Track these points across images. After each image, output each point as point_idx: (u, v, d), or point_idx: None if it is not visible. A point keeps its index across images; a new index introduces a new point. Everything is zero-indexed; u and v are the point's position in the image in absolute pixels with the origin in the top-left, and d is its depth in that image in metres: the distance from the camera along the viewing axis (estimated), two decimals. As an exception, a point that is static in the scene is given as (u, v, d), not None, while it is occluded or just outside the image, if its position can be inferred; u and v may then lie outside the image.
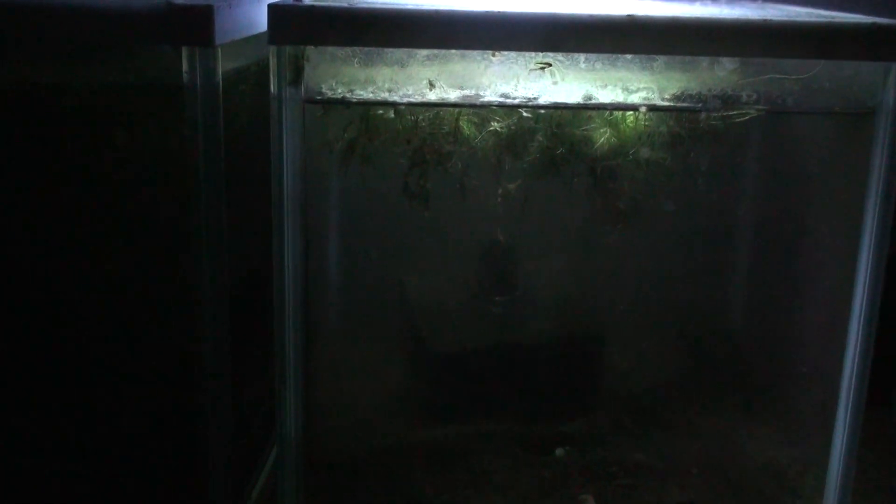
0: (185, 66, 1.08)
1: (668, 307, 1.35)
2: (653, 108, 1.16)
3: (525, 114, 1.17)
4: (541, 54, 1.12)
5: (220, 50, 1.08)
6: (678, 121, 1.18)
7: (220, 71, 1.08)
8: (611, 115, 1.20)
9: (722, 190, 1.26)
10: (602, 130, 1.20)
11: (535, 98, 1.16)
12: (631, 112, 1.19)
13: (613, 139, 1.21)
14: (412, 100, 1.15)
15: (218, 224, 1.14)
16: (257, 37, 1.19)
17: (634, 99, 1.16)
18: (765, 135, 1.23)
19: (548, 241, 1.32)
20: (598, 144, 1.21)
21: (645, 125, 1.19)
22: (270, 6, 1.08)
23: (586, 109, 1.16)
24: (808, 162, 1.30)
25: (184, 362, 1.21)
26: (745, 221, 1.31)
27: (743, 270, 1.35)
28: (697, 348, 1.38)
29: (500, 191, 1.26)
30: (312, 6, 1.09)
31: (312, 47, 1.11)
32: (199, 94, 1.08)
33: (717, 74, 1.14)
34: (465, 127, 1.20)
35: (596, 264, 1.34)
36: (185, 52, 1.07)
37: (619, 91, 1.15)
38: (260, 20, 1.18)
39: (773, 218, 1.32)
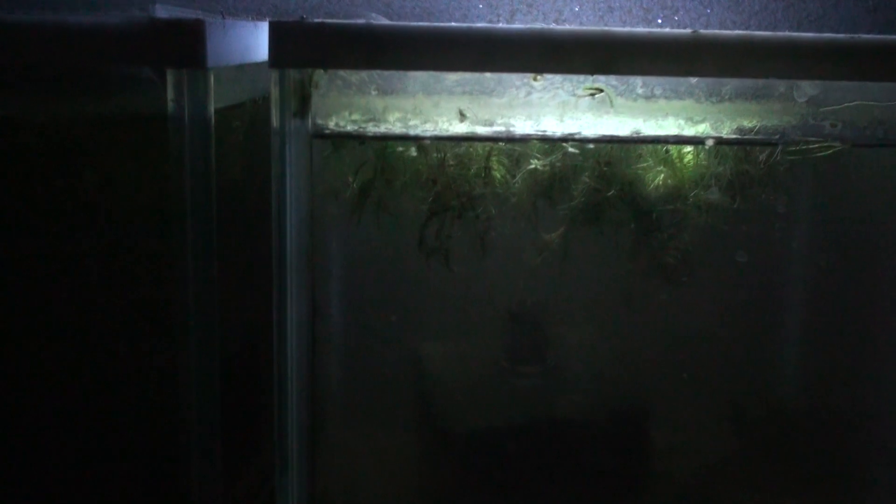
0: (170, 93, 0.90)
1: (727, 377, 1.16)
2: (721, 142, 0.99)
3: (571, 149, 0.99)
4: (591, 78, 0.95)
5: (212, 74, 0.90)
6: (749, 157, 1.01)
7: (212, 99, 0.90)
8: (667, 152, 1.03)
9: (798, 237, 1.08)
10: (658, 170, 1.03)
11: (579, 132, 0.98)
12: (691, 147, 1.02)
13: (670, 180, 1.04)
14: (439, 133, 0.97)
15: (208, 283, 0.95)
16: (257, 66, 1.02)
17: (699, 131, 0.99)
18: (850, 171, 1.06)
19: (587, 302, 1.14)
20: (653, 186, 1.03)
21: (709, 162, 1.02)
22: (272, 23, 0.91)
23: (644, 143, 0.99)
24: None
25: (165, 443, 1.01)
26: (825, 275, 1.13)
27: (821, 333, 1.16)
28: (762, 425, 1.19)
29: (535, 243, 1.08)
30: (323, 23, 0.91)
31: (322, 71, 0.94)
32: (187, 127, 0.90)
33: (797, 102, 0.97)
34: (496, 166, 1.02)
35: (642, 329, 1.15)
36: (170, 76, 0.89)
37: (683, 122, 0.98)
38: (259, 47, 1.01)
39: (860, 271, 1.14)
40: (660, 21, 1.61)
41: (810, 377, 1.17)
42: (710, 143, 0.98)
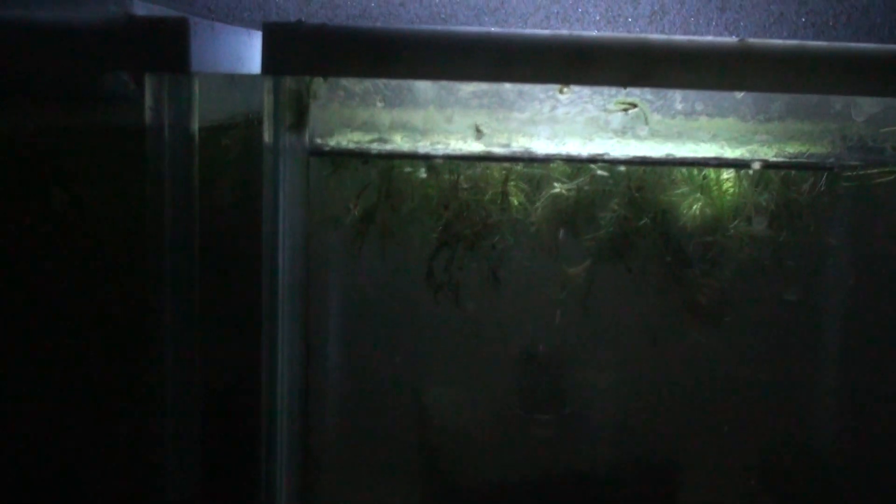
0: (148, 100, 0.79)
1: (766, 431, 1.04)
2: (768, 166, 0.88)
3: (599, 171, 0.88)
4: (623, 91, 0.85)
5: (196, 81, 0.80)
6: (798, 183, 0.90)
7: (196, 108, 0.79)
8: (704, 178, 0.92)
9: (854, 275, 0.97)
10: (695, 197, 0.92)
11: (608, 153, 0.88)
12: (733, 172, 0.91)
13: (708, 209, 0.93)
14: (451, 152, 0.86)
15: (188, 319, 0.84)
16: (252, 79, 0.91)
17: (743, 153, 0.88)
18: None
19: (611, 344, 1.02)
20: (689, 215, 0.92)
21: (753, 188, 0.91)
22: (267, 24, 0.81)
23: (681, 166, 0.88)
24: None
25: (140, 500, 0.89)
26: (883, 319, 1.02)
27: (875, 385, 1.04)
28: (803, 484, 1.07)
29: (555, 277, 0.96)
30: (323, 25, 0.81)
31: (321, 80, 0.83)
32: (168, 139, 0.79)
33: (854, 121, 0.87)
34: (515, 191, 0.91)
35: (672, 375, 1.04)
36: (149, 81, 0.78)
37: (725, 143, 0.87)
38: (255, 58, 0.90)
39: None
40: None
41: (859, 435, 1.05)
42: (756, 166, 0.87)
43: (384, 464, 1.00)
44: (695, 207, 0.92)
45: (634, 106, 0.85)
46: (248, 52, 0.95)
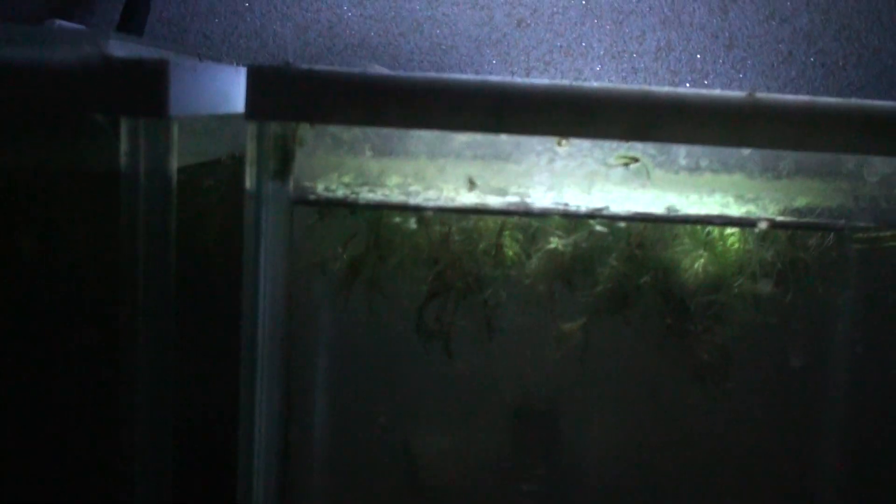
0: (124, 146, 0.75)
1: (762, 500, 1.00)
2: (776, 225, 0.83)
3: (598, 227, 0.84)
4: (625, 145, 0.80)
5: (175, 125, 0.75)
6: (806, 243, 0.86)
7: (174, 153, 0.75)
8: (708, 234, 0.87)
9: (864, 341, 0.93)
10: (697, 254, 0.87)
11: (607, 208, 0.83)
12: (735, 230, 0.86)
13: (711, 266, 0.88)
14: (443, 204, 0.82)
15: (162, 373, 0.79)
16: (238, 118, 0.87)
17: (749, 211, 0.84)
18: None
19: (607, 402, 0.98)
20: (691, 272, 0.88)
21: (758, 247, 0.86)
22: (251, 67, 0.77)
23: (684, 223, 0.84)
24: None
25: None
26: (894, 386, 0.97)
27: (888, 458, 1.00)
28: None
29: (550, 333, 0.92)
30: (311, 69, 0.77)
31: (308, 126, 0.79)
32: (143, 186, 0.75)
33: (867, 181, 0.83)
34: (509, 243, 0.87)
35: (669, 435, 0.99)
36: (124, 125, 0.74)
37: (731, 200, 0.83)
38: (239, 94, 0.86)
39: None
40: (687, 86, 1.48)
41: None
42: (762, 225, 0.83)
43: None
44: (697, 264, 0.88)
45: (636, 160, 0.81)
46: (235, 90, 0.91)
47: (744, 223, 0.84)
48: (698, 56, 1.48)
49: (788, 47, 1.48)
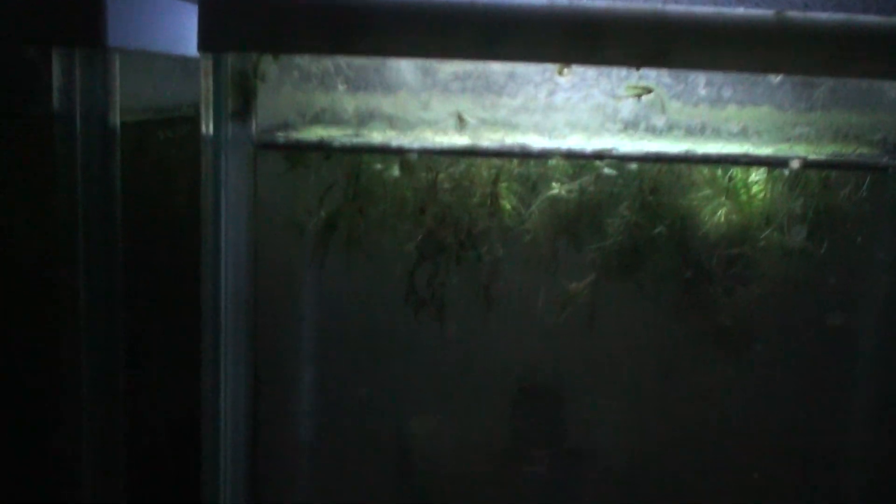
0: (57, 82, 0.64)
1: (802, 478, 0.90)
2: (809, 164, 0.73)
3: (606, 170, 0.74)
4: (636, 74, 0.70)
5: (116, 57, 0.65)
6: (844, 185, 0.76)
7: (117, 93, 0.65)
8: (730, 180, 0.77)
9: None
10: (719, 201, 0.77)
11: (616, 148, 0.73)
12: (765, 171, 0.76)
13: (735, 215, 0.78)
14: (429, 145, 0.72)
15: (110, 345, 0.69)
16: (186, 59, 0.76)
17: (779, 149, 0.73)
18: None
19: (618, 374, 0.88)
20: (711, 223, 0.78)
21: (789, 191, 0.76)
22: (203, -9, 0.67)
23: (704, 164, 0.73)
24: None
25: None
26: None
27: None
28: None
29: (554, 295, 0.82)
30: (272, -10, 0.66)
31: (271, 58, 0.69)
32: (80, 128, 0.64)
33: (914, 110, 0.73)
34: (506, 194, 0.77)
35: (689, 411, 0.89)
36: (56, 57, 0.64)
37: (758, 136, 0.73)
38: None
39: None
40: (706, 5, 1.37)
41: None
42: (794, 164, 0.72)
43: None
44: (719, 213, 0.77)
45: (649, 91, 0.71)
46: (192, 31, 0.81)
47: (772, 163, 0.74)
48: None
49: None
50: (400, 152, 0.73)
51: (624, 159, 0.74)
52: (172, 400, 0.83)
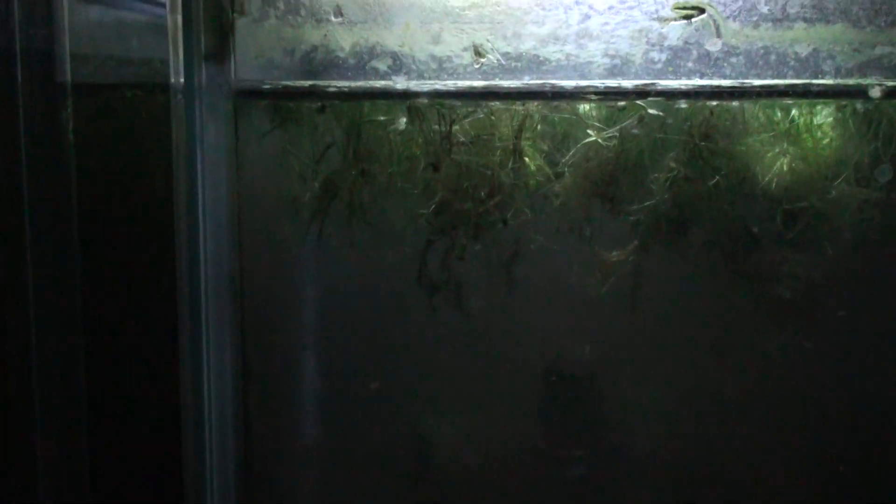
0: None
1: (870, 468, 0.79)
2: (891, 93, 0.62)
3: (651, 110, 0.63)
4: (685, -9, 0.60)
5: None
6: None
7: (66, 31, 0.54)
8: (792, 122, 0.66)
9: None
10: (781, 148, 0.66)
11: (657, 83, 0.62)
12: (834, 104, 0.65)
13: (798, 163, 0.67)
14: (439, 87, 0.61)
15: (67, 327, 0.58)
16: None
17: (855, 76, 0.62)
18: None
19: (662, 356, 0.77)
20: (772, 174, 0.67)
21: (864, 130, 0.65)
22: None
23: (769, 97, 0.62)
24: None
25: None
26: None
27: None
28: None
29: (588, 267, 0.71)
30: None
31: (250, -13, 0.58)
32: (23, 73, 0.53)
33: None
34: (530, 151, 0.66)
35: (740, 396, 0.78)
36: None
37: (832, 61, 0.62)
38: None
39: None
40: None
41: None
42: (875, 93, 0.61)
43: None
44: (781, 161, 0.66)
45: (701, 11, 0.60)
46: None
47: (847, 93, 0.62)
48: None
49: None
50: (405, 95, 0.62)
51: (670, 95, 0.63)
52: (143, 395, 0.72)
